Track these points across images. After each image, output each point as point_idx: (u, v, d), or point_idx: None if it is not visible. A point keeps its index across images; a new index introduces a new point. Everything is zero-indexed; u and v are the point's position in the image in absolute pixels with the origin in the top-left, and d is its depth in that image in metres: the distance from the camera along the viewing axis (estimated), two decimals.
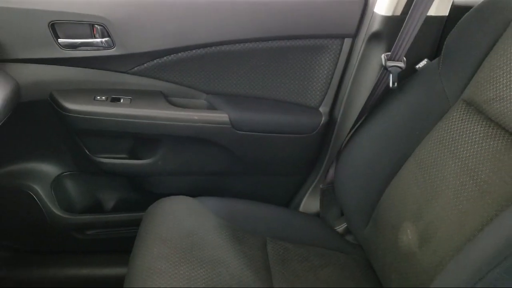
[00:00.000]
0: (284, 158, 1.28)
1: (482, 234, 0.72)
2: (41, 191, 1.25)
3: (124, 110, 1.14)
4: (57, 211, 1.27)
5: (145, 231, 1.01)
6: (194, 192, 1.16)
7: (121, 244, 1.16)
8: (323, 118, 1.24)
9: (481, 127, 0.88)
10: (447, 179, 0.88)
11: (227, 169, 1.28)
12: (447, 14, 1.11)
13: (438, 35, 1.13)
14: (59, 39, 1.08)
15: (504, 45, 0.89)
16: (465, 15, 1.02)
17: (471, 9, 1.01)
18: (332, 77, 1.22)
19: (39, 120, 1.19)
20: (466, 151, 0.88)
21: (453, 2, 1.12)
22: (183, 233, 0.99)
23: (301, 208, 1.37)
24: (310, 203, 1.35)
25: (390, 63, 1.06)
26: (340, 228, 1.25)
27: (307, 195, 1.35)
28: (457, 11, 1.09)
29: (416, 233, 0.90)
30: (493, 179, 0.80)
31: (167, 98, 1.20)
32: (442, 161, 0.91)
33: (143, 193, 1.27)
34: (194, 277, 0.88)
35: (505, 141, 0.82)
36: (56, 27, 1.07)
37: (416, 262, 0.87)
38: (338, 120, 1.26)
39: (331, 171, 1.24)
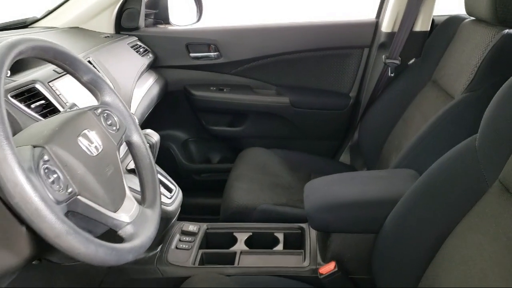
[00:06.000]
0: (326, 126, 1.93)
1: None
2: (176, 148, 2.02)
3: (227, 96, 1.89)
4: (184, 161, 2.02)
5: (237, 162, 1.72)
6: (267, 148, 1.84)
7: (222, 184, 1.84)
8: (351, 100, 1.88)
9: (432, 87, 1.47)
10: (414, 123, 1.49)
11: (289, 134, 1.95)
12: (428, 29, 1.72)
13: (423, 43, 1.72)
14: (190, 54, 1.87)
15: (453, 44, 1.49)
16: (434, 29, 1.62)
17: (438, 25, 1.61)
18: (356, 73, 1.86)
19: (177, 103, 1.96)
20: (422, 104, 1.48)
21: (433, 20, 1.72)
22: (258, 161, 1.69)
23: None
24: (346, 159, 1.97)
25: (388, 60, 1.69)
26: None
27: (343, 154, 1.97)
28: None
29: (395, 155, 1.50)
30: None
31: (252, 89, 1.92)
32: (412, 113, 1.52)
33: (235, 150, 1.95)
34: (263, 180, 1.57)
35: (436, 90, 1.42)
36: (189, 47, 1.86)
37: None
38: (362, 101, 1.88)
39: (356, 134, 1.87)
